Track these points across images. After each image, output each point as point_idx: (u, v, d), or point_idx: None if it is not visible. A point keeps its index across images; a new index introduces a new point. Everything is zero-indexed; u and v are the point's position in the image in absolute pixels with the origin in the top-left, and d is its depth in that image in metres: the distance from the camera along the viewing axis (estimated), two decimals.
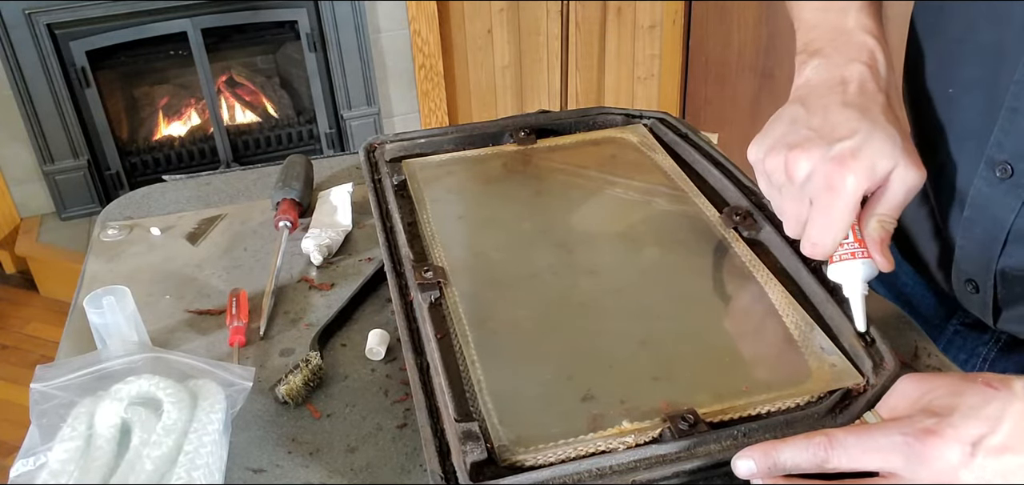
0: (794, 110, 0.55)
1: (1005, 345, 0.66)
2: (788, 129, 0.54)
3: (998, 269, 0.60)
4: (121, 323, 0.60)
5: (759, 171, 0.57)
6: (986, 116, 0.58)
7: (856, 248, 0.54)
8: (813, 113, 0.54)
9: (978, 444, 0.42)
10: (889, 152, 0.51)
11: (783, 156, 0.53)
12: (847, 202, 0.51)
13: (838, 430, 0.45)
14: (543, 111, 0.87)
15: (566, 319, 0.61)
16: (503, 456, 0.48)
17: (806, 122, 0.54)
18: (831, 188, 0.51)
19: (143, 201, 0.85)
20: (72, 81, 2.25)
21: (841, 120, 0.52)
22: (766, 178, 0.56)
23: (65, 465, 0.50)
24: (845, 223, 0.52)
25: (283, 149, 2.57)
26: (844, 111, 0.53)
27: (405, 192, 0.75)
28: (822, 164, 0.51)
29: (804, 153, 0.52)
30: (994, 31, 0.57)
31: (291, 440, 0.56)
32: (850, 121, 0.52)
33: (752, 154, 0.57)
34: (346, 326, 0.66)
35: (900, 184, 0.52)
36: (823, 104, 0.54)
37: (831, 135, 0.52)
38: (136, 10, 2.22)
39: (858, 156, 0.51)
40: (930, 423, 0.43)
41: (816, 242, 0.54)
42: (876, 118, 0.52)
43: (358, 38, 2.43)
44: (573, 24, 2.64)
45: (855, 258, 0.54)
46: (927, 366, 0.59)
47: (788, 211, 0.56)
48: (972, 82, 0.59)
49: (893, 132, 0.52)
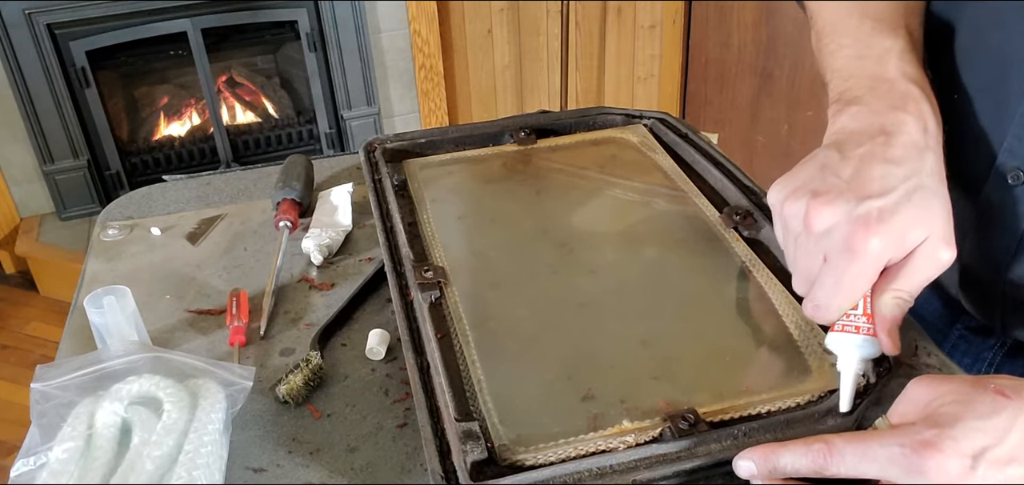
0: (827, 154, 0.49)
1: (1011, 349, 0.66)
2: (816, 174, 0.48)
3: (1009, 276, 0.60)
4: (121, 323, 0.60)
5: (777, 214, 0.51)
6: (996, 122, 0.57)
7: (863, 322, 0.48)
8: (847, 161, 0.48)
9: (980, 456, 0.40)
10: (925, 222, 0.46)
11: (804, 203, 0.47)
12: (865, 268, 0.46)
13: (838, 438, 0.44)
14: (543, 111, 0.87)
15: (566, 319, 0.61)
16: (503, 455, 0.48)
17: (837, 170, 0.47)
18: (851, 249, 0.46)
19: (143, 201, 0.85)
20: (72, 81, 2.25)
21: (878, 174, 0.46)
22: (783, 224, 0.50)
23: (65, 465, 0.50)
24: (858, 291, 0.47)
25: (283, 149, 2.57)
26: (884, 166, 0.47)
27: (405, 192, 0.75)
28: (846, 220, 0.46)
29: (828, 205, 0.46)
30: (1000, 36, 0.56)
31: (291, 440, 0.56)
32: (888, 177, 0.46)
33: (773, 196, 0.51)
34: (346, 326, 0.66)
35: (928, 261, 0.47)
36: (861, 154, 0.48)
37: (863, 189, 0.46)
38: (136, 10, 2.22)
39: (888, 220, 0.45)
40: (930, 435, 0.41)
41: (820, 305, 0.48)
42: (920, 181, 0.46)
43: (358, 38, 2.43)
44: (573, 24, 2.64)
45: (859, 333, 0.48)
46: (926, 365, 0.59)
47: (800, 264, 0.50)
48: (979, 88, 0.58)
49: (936, 201, 0.46)
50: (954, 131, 0.62)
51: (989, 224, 0.60)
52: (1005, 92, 0.56)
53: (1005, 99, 0.56)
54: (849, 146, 0.48)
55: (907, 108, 0.49)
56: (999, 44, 0.56)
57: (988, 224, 0.60)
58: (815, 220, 0.46)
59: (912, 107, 0.50)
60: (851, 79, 0.53)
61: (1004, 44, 0.56)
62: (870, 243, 0.45)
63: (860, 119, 0.50)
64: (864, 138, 0.48)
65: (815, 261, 0.48)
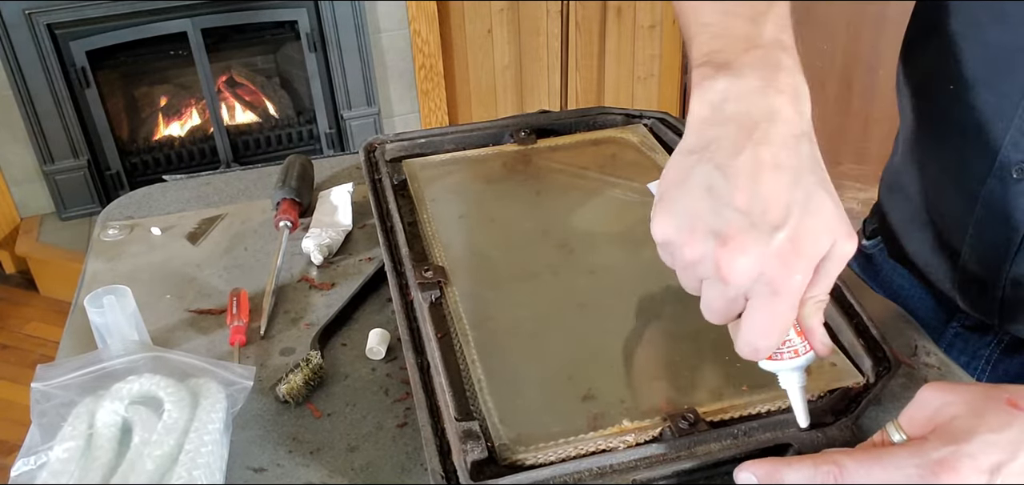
0: (706, 173, 0.44)
1: (1008, 346, 0.66)
2: (707, 206, 0.43)
3: (1010, 272, 0.59)
4: (121, 322, 0.60)
5: (670, 254, 0.46)
6: (998, 116, 0.57)
7: (798, 342, 0.47)
8: (734, 183, 0.43)
9: (996, 471, 0.40)
10: (827, 228, 0.43)
11: (711, 251, 0.43)
12: (793, 303, 0.44)
13: (848, 457, 0.43)
14: (543, 111, 0.87)
15: (566, 319, 0.61)
16: (503, 455, 0.48)
17: (728, 198, 0.43)
18: (776, 293, 0.43)
19: (143, 201, 0.85)
20: (72, 81, 2.25)
21: (771, 192, 0.42)
22: (683, 265, 0.46)
23: (65, 465, 0.50)
24: (789, 323, 0.45)
25: (283, 149, 2.57)
26: (772, 176, 0.43)
27: (405, 192, 0.75)
28: (762, 262, 0.42)
29: (741, 252, 0.42)
30: (1001, 30, 0.56)
31: (292, 439, 0.56)
32: (781, 194, 0.42)
33: (661, 231, 0.45)
34: (346, 326, 0.66)
35: (837, 262, 0.45)
36: (744, 166, 0.43)
37: (763, 218, 0.42)
38: (136, 10, 2.23)
39: (799, 248, 0.42)
40: (945, 452, 0.41)
41: (759, 347, 0.46)
42: (806, 181, 0.43)
43: (358, 38, 2.43)
44: (573, 24, 2.64)
45: (798, 356, 0.47)
46: (926, 365, 0.59)
47: (714, 306, 0.46)
48: (978, 80, 0.58)
49: (826, 198, 0.44)
50: (951, 125, 0.62)
51: (990, 220, 0.59)
52: (1007, 86, 0.56)
53: (1007, 93, 0.56)
54: (725, 153, 0.44)
55: (779, 85, 0.45)
56: (1000, 35, 0.56)
57: (989, 220, 0.59)
58: (730, 272, 0.43)
59: (784, 82, 0.45)
60: (720, 38, 0.48)
61: (1005, 36, 0.55)
62: (793, 280, 0.43)
63: (731, 101, 0.45)
64: (740, 136, 0.44)
65: (735, 304, 0.45)
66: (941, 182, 0.64)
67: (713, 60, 0.47)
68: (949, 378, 0.58)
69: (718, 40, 0.48)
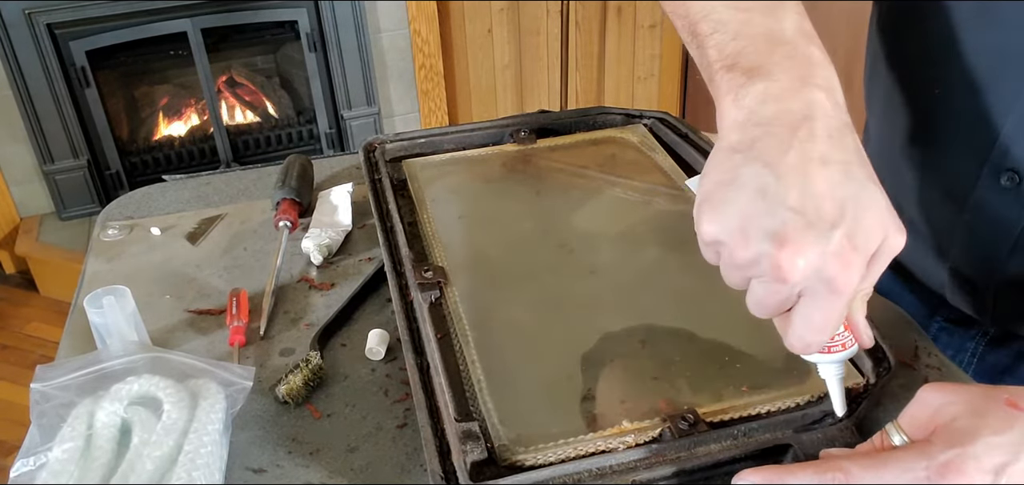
0: (756, 173, 0.43)
1: (993, 339, 0.66)
2: (760, 207, 0.42)
3: (1002, 277, 0.59)
4: (121, 323, 0.60)
5: (714, 251, 0.45)
6: (986, 120, 0.56)
7: (846, 337, 0.47)
8: (785, 182, 0.42)
9: (1001, 472, 0.40)
10: (879, 224, 0.43)
11: (768, 252, 0.42)
12: (849, 299, 0.43)
13: (853, 464, 0.43)
14: (543, 111, 0.87)
15: (566, 319, 0.61)
16: (503, 456, 0.48)
17: (781, 197, 0.42)
18: (835, 291, 0.42)
19: (143, 201, 0.85)
20: (72, 81, 2.25)
21: (824, 190, 0.42)
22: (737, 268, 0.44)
23: (65, 465, 0.50)
24: (842, 318, 0.45)
25: (283, 149, 2.57)
26: (823, 173, 0.42)
27: (405, 192, 0.75)
28: (822, 261, 0.42)
29: (798, 252, 0.41)
30: (988, 33, 0.55)
31: (291, 440, 0.56)
32: (834, 190, 0.42)
33: (710, 232, 0.44)
34: (346, 326, 0.66)
35: (887, 256, 0.44)
36: (793, 164, 0.42)
37: (820, 217, 0.41)
38: (136, 10, 2.22)
39: (856, 244, 0.42)
40: (950, 456, 0.41)
41: (812, 342, 0.45)
42: (857, 175, 0.43)
43: (358, 38, 2.43)
44: (573, 24, 2.64)
45: (845, 349, 0.48)
46: (927, 366, 0.59)
47: (767, 303, 0.45)
48: (966, 84, 0.57)
49: (877, 192, 0.43)
50: (938, 129, 0.60)
51: (980, 225, 0.59)
52: (998, 91, 0.55)
53: (998, 98, 0.55)
54: (773, 151, 0.43)
55: (816, 80, 0.45)
56: (989, 38, 0.55)
57: (979, 225, 0.59)
58: (791, 273, 0.42)
59: (820, 77, 0.45)
60: (741, 38, 0.47)
61: (998, 41, 0.55)
62: (852, 279, 0.42)
63: (770, 103, 0.44)
64: (785, 133, 0.43)
65: (788, 301, 0.44)
66: (925, 185, 0.64)
67: (740, 64, 0.46)
68: (949, 379, 0.58)
69: (739, 40, 0.47)
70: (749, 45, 0.46)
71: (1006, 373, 0.64)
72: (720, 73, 0.46)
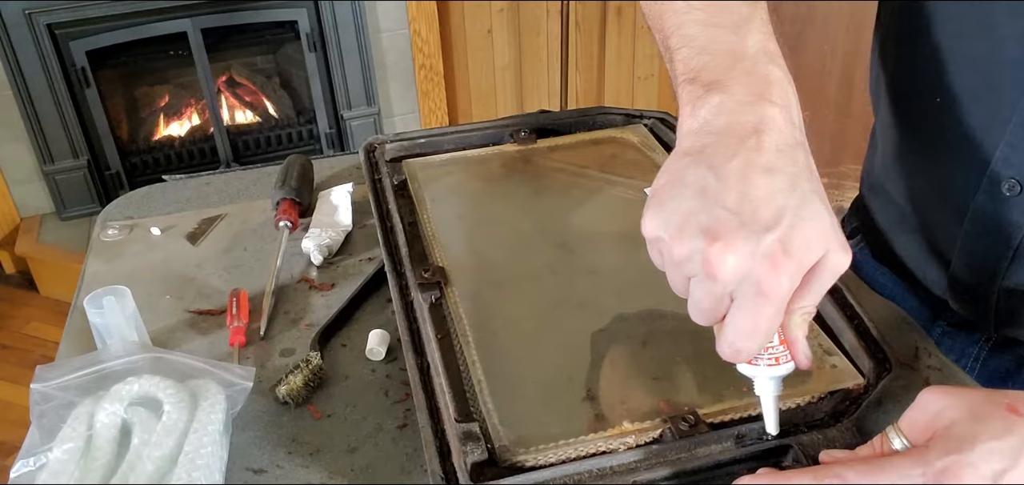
0: (700, 174, 0.44)
1: (996, 344, 0.66)
2: (698, 205, 0.43)
3: (1004, 285, 0.59)
4: (121, 323, 0.60)
5: (660, 251, 0.46)
6: (986, 129, 0.56)
7: (780, 351, 0.47)
8: (726, 184, 0.43)
9: (999, 477, 0.40)
10: (820, 236, 0.43)
11: (700, 248, 0.42)
12: (779, 307, 0.43)
13: (850, 470, 0.43)
14: (543, 111, 0.87)
15: (566, 319, 0.61)
16: (503, 456, 0.48)
17: (720, 197, 0.42)
18: (762, 294, 0.42)
19: (143, 201, 0.85)
20: (72, 81, 2.25)
21: (764, 196, 0.42)
22: (673, 263, 0.45)
23: (65, 465, 0.50)
24: (774, 328, 0.45)
25: (283, 149, 2.56)
26: (766, 180, 0.43)
27: (405, 192, 0.75)
28: (751, 262, 0.42)
29: (728, 249, 0.42)
30: (987, 41, 0.55)
31: (291, 440, 0.56)
32: (775, 197, 0.42)
33: (651, 228, 0.45)
34: (346, 326, 0.66)
35: (829, 274, 0.44)
36: (737, 169, 0.43)
37: (754, 219, 0.42)
38: (136, 10, 2.22)
39: (790, 251, 0.42)
40: (949, 461, 0.40)
41: (740, 349, 0.45)
42: (802, 188, 0.43)
43: (358, 38, 2.43)
44: (573, 24, 2.64)
45: (779, 364, 0.47)
46: (928, 367, 0.59)
47: (703, 304, 0.45)
48: (965, 93, 0.57)
49: (821, 208, 0.43)
50: (938, 137, 0.60)
51: (981, 234, 0.59)
52: (996, 100, 0.55)
53: (996, 107, 0.55)
54: (719, 157, 0.44)
55: (772, 97, 0.45)
56: (988, 50, 0.55)
57: (980, 234, 0.59)
58: (719, 269, 0.42)
59: (777, 95, 0.46)
60: (706, 53, 0.48)
61: (994, 49, 0.54)
62: (781, 284, 0.42)
63: (724, 115, 0.45)
64: (733, 142, 0.44)
65: (721, 303, 0.45)
66: (927, 192, 0.64)
67: (701, 78, 0.47)
68: (950, 380, 0.58)
69: (704, 55, 0.48)
70: (712, 60, 0.47)
71: (1008, 378, 0.64)
72: (682, 85, 0.48)
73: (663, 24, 0.53)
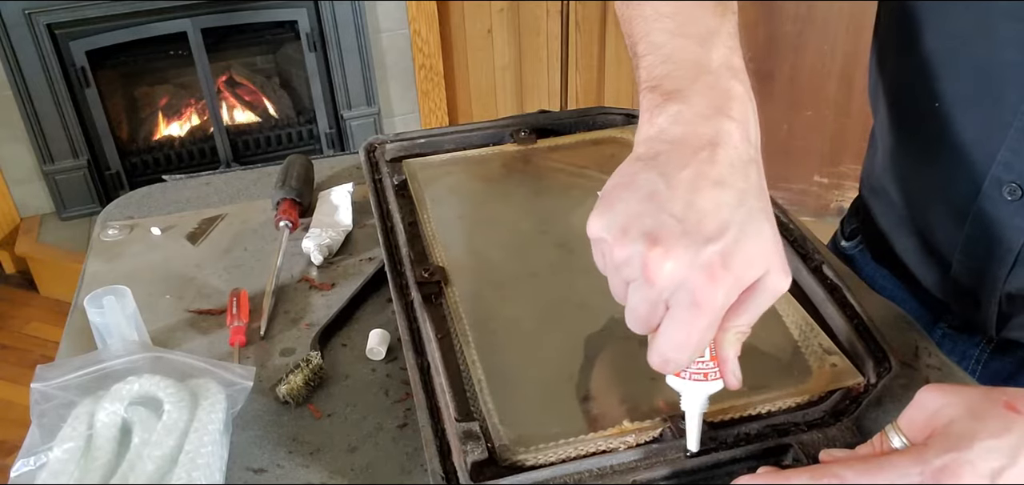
0: (651, 180, 0.43)
1: (997, 346, 0.66)
2: (645, 209, 0.43)
3: (1005, 289, 0.59)
4: (121, 323, 0.60)
5: (602, 253, 0.46)
6: (987, 134, 0.56)
7: (710, 367, 0.46)
8: (675, 191, 0.43)
9: (998, 475, 0.40)
10: (761, 255, 0.43)
11: (639, 251, 0.42)
12: (712, 320, 0.43)
13: (848, 470, 0.43)
14: (543, 111, 0.87)
15: (566, 319, 0.61)
16: (504, 456, 0.48)
17: (667, 204, 0.42)
18: (696, 304, 0.42)
19: (143, 201, 0.85)
20: (72, 81, 2.25)
21: (710, 207, 0.42)
22: (613, 266, 0.45)
23: (65, 465, 0.50)
24: (705, 341, 0.44)
25: (283, 149, 2.56)
26: (714, 193, 0.42)
27: (405, 192, 0.75)
28: (688, 271, 0.42)
29: (668, 254, 0.41)
30: (987, 46, 0.55)
31: (292, 440, 0.56)
32: (721, 210, 0.42)
33: (595, 230, 0.45)
34: (346, 326, 0.66)
35: (767, 294, 0.44)
36: (687, 178, 0.43)
37: (698, 229, 0.42)
38: (136, 10, 2.22)
39: (729, 265, 0.42)
40: (947, 460, 0.40)
41: (670, 359, 0.44)
42: (750, 205, 0.43)
43: (358, 38, 2.43)
44: (573, 24, 2.64)
45: (708, 379, 0.46)
46: (928, 367, 0.59)
47: (638, 310, 0.45)
48: (965, 98, 0.57)
49: (767, 226, 0.43)
50: (937, 141, 0.60)
51: (982, 239, 0.59)
52: (996, 105, 0.55)
53: (997, 112, 0.55)
54: (672, 165, 0.44)
55: (730, 112, 0.45)
56: (987, 54, 0.55)
57: (981, 239, 0.59)
58: (656, 272, 0.42)
59: (736, 110, 0.46)
60: (670, 62, 0.48)
61: (993, 54, 0.54)
62: (716, 296, 0.42)
63: (681, 125, 0.45)
64: (687, 153, 0.44)
65: (656, 310, 0.44)
66: (927, 195, 0.64)
67: (662, 86, 0.47)
68: (950, 379, 0.58)
69: (668, 64, 0.48)
70: (675, 70, 0.47)
71: (1010, 380, 0.64)
72: (644, 92, 0.48)
73: (632, 29, 0.53)
